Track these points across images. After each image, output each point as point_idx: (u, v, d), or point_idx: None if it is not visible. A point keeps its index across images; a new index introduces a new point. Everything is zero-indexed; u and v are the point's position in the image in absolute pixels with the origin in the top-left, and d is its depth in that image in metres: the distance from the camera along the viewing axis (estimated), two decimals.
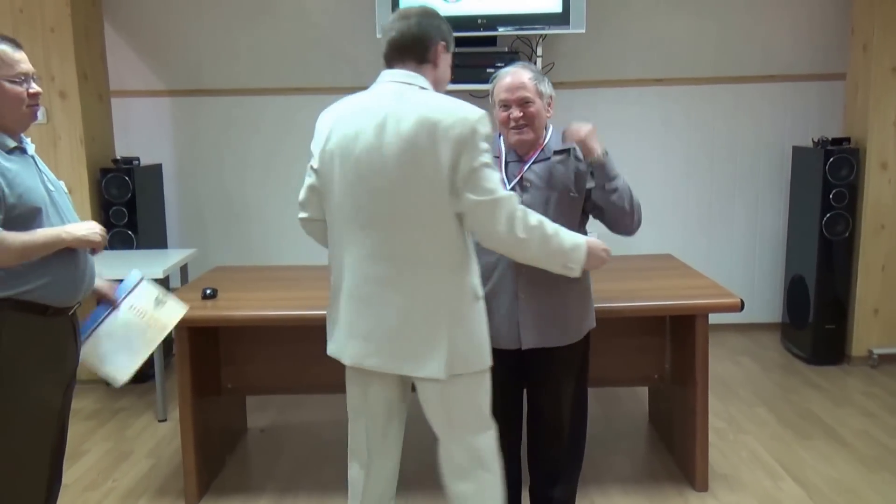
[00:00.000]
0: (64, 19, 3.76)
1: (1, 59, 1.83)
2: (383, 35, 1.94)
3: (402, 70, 1.89)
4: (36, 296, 1.86)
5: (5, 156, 1.84)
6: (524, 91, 2.15)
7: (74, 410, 3.55)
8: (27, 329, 1.85)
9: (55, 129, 3.85)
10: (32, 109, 1.88)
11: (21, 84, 1.86)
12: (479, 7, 3.91)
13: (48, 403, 1.93)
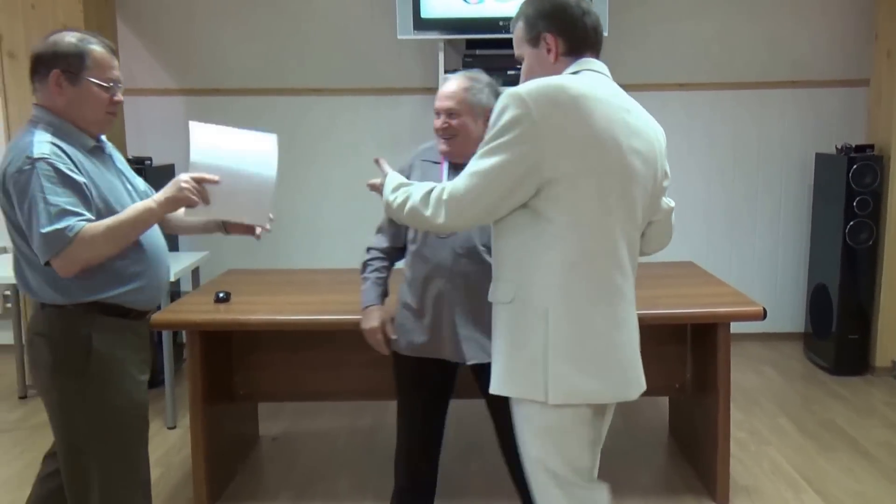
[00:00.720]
0: (76, 17, 3.72)
1: (95, 61, 1.83)
2: (581, 15, 1.68)
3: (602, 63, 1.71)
4: (122, 300, 1.87)
5: (86, 155, 1.84)
6: (450, 101, 2.12)
7: None
8: (115, 331, 1.88)
9: None
10: (111, 116, 1.89)
11: (108, 90, 1.86)
12: (500, 9, 3.86)
13: (140, 402, 1.96)
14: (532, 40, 1.69)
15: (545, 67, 1.68)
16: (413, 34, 3.88)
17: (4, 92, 3.76)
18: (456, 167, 2.20)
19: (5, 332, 4.13)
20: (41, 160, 1.73)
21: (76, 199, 1.76)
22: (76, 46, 1.81)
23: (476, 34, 3.91)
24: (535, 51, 1.69)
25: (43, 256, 1.75)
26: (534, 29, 1.68)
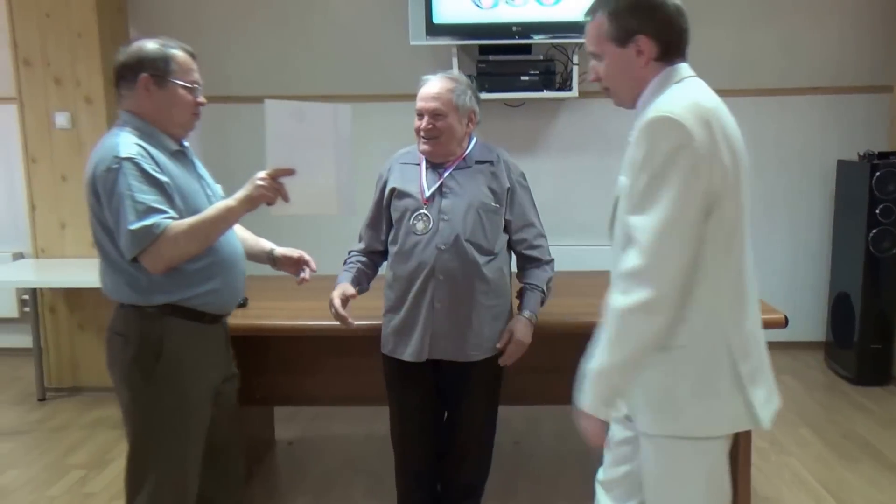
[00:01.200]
0: (91, 25, 3.73)
1: (180, 65, 1.89)
2: (677, 15, 1.55)
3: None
4: (196, 303, 1.90)
5: (170, 158, 1.88)
6: (436, 103, 2.13)
7: (98, 420, 3.57)
8: (187, 335, 1.90)
9: (80, 134, 3.81)
10: (195, 117, 1.95)
11: (192, 91, 1.91)
12: (514, 14, 3.84)
13: (203, 408, 1.97)
14: (619, 39, 1.53)
15: (630, 71, 1.55)
16: (426, 40, 3.87)
17: (20, 98, 3.79)
18: (434, 167, 2.21)
19: (24, 335, 4.14)
20: (128, 160, 1.77)
21: (161, 197, 1.80)
22: (160, 51, 1.87)
23: (489, 40, 3.89)
24: (621, 51, 1.53)
25: (129, 252, 1.78)
26: (624, 27, 1.52)
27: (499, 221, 2.20)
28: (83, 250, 3.88)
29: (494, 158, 2.23)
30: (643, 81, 1.55)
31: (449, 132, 2.15)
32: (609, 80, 1.58)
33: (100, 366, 3.83)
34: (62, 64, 3.75)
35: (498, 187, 2.20)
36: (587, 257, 4.08)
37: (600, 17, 1.55)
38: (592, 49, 1.59)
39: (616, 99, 1.63)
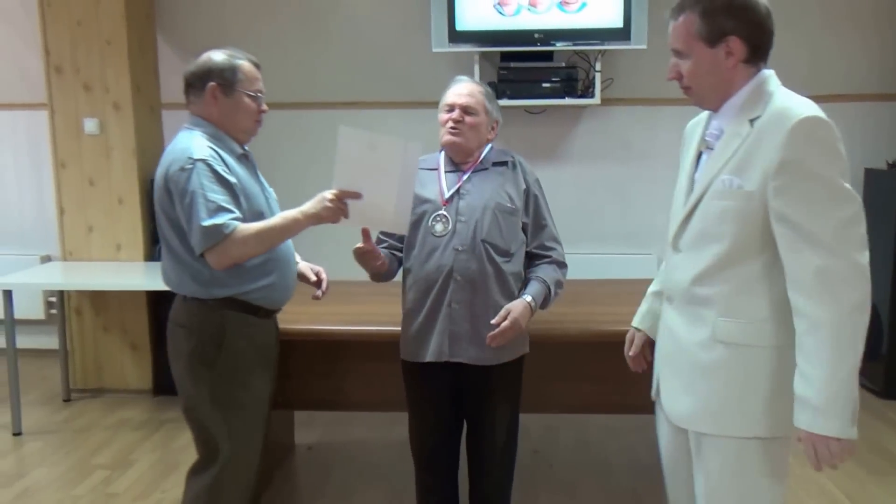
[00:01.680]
0: (120, 33, 3.80)
1: (245, 74, 2.03)
2: (767, 17, 1.56)
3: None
4: (252, 297, 2.00)
5: (235, 160, 2.01)
6: (471, 99, 2.17)
7: (121, 421, 3.63)
8: (244, 328, 2.01)
9: (108, 139, 3.88)
10: (258, 124, 2.09)
11: (256, 100, 2.05)
12: (536, 21, 3.84)
13: (263, 399, 2.08)
14: (709, 39, 1.53)
15: (717, 73, 1.55)
16: (448, 47, 3.89)
17: (51, 104, 3.86)
18: (453, 170, 2.23)
19: (50, 336, 4.21)
20: (201, 161, 1.90)
21: (229, 197, 1.92)
22: (228, 62, 2.01)
23: (511, 47, 3.90)
24: (710, 51, 1.53)
25: (199, 247, 1.89)
26: (716, 27, 1.51)
27: (516, 223, 2.20)
28: (109, 253, 3.94)
29: (510, 160, 2.26)
30: (729, 83, 1.56)
31: (476, 129, 2.18)
32: (693, 79, 1.58)
33: (123, 368, 3.97)
34: (92, 71, 3.83)
35: (515, 189, 2.21)
36: (607, 266, 4.07)
37: (690, 15, 1.54)
38: (678, 47, 1.58)
39: (696, 99, 1.63)
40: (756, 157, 1.50)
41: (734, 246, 1.54)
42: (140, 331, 3.95)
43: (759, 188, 1.49)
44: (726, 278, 1.55)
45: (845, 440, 1.45)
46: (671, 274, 1.67)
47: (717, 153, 1.58)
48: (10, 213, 4.51)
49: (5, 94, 4.38)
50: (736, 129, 1.55)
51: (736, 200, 1.52)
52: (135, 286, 3.67)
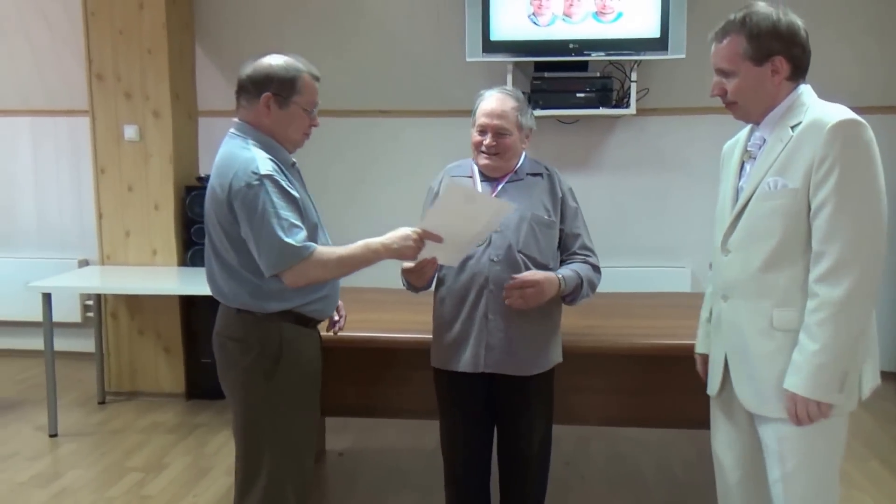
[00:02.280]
0: (160, 42, 3.87)
1: (306, 88, 1.98)
2: (807, 39, 1.75)
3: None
4: (308, 310, 2.00)
5: (288, 171, 1.96)
6: (503, 121, 2.14)
7: (155, 424, 3.67)
8: (299, 340, 2.00)
9: (147, 146, 3.95)
10: (306, 137, 2.04)
11: (310, 114, 2.00)
12: (571, 31, 3.83)
13: (316, 410, 2.08)
14: (757, 59, 1.70)
15: (762, 90, 1.72)
16: (482, 56, 3.89)
17: (93, 111, 3.94)
18: (488, 180, 2.22)
19: (87, 339, 4.28)
20: (268, 177, 1.85)
21: (297, 213, 1.90)
22: (288, 73, 1.95)
23: (546, 56, 3.89)
24: (757, 69, 1.70)
25: (273, 267, 1.86)
26: (764, 48, 1.69)
27: (553, 235, 2.19)
28: (145, 258, 4.01)
29: (544, 171, 2.25)
30: (774, 98, 1.73)
31: (511, 150, 2.17)
32: (739, 95, 1.74)
33: (157, 371, 4.02)
34: (132, 79, 3.90)
35: (551, 199, 2.20)
36: (639, 279, 4.02)
37: (737, 37, 1.71)
38: (725, 66, 1.74)
39: (740, 113, 1.79)
40: (798, 157, 1.66)
41: (783, 241, 1.69)
42: (173, 335, 4.01)
43: (802, 185, 1.66)
44: (779, 271, 1.70)
45: (824, 404, 1.64)
46: (722, 274, 1.81)
47: (761, 160, 1.75)
48: (51, 217, 4.60)
49: (49, 101, 4.48)
50: (778, 136, 1.72)
51: (782, 199, 1.68)
52: (169, 290, 3.72)
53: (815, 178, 1.62)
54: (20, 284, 3.73)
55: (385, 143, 4.37)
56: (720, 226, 1.83)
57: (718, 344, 1.87)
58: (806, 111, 1.69)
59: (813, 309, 1.64)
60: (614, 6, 3.78)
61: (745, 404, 1.79)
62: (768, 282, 1.71)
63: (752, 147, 1.79)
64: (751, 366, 1.76)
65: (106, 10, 3.85)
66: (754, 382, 1.76)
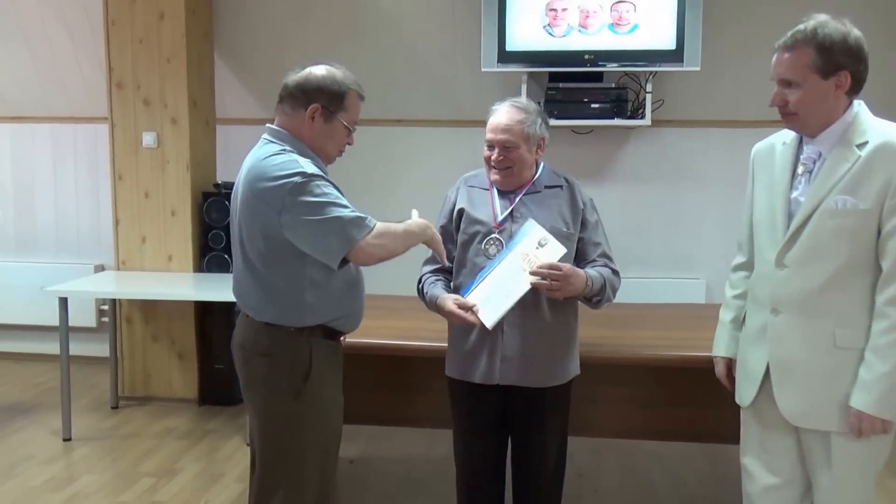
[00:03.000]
0: (179, 50, 3.92)
1: (352, 105, 1.99)
2: (868, 55, 1.77)
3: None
4: (338, 324, 1.99)
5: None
6: (507, 135, 2.12)
7: (167, 429, 3.69)
8: (327, 355, 1.98)
9: (164, 153, 3.98)
10: (341, 154, 2.05)
11: (350, 131, 2.01)
12: (587, 42, 3.84)
13: (339, 427, 2.05)
14: (825, 72, 1.71)
15: (824, 102, 1.74)
16: (497, 67, 3.91)
17: (111, 118, 3.99)
18: (504, 194, 2.20)
19: (101, 344, 4.31)
20: (316, 176, 1.86)
21: (345, 200, 1.89)
22: (340, 87, 1.94)
23: (561, 67, 3.90)
24: (823, 83, 1.72)
25: (345, 244, 1.83)
26: (833, 62, 1.70)
27: (571, 248, 2.17)
28: (160, 264, 4.04)
29: (563, 183, 2.23)
30: (834, 111, 1.75)
31: (520, 163, 2.15)
32: (802, 106, 1.74)
33: (170, 377, 4.04)
34: (151, 86, 3.95)
35: (570, 211, 2.18)
36: (653, 290, 4.00)
37: (806, 49, 1.71)
38: (790, 77, 1.74)
39: (800, 124, 1.79)
40: (871, 177, 1.69)
41: (849, 261, 1.72)
42: (187, 341, 4.03)
43: (874, 206, 1.69)
44: (843, 290, 1.74)
45: (888, 422, 1.72)
46: (776, 288, 1.81)
47: (824, 175, 1.75)
48: (68, 222, 4.65)
49: (69, 108, 4.53)
50: (842, 154, 1.73)
51: (852, 218, 1.71)
52: (184, 296, 3.74)
53: (892, 201, 1.66)
54: (37, 289, 3.77)
55: (400, 152, 4.38)
56: (769, 236, 1.83)
57: (758, 355, 1.87)
58: (868, 130, 1.73)
59: (884, 330, 1.68)
60: (630, 18, 3.79)
61: (789, 417, 1.81)
62: (830, 300, 1.74)
63: (808, 160, 1.80)
64: (804, 380, 1.78)
65: (126, 19, 3.90)
66: (806, 396, 1.78)
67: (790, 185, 1.81)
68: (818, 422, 1.79)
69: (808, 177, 1.79)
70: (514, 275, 2.05)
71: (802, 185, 1.80)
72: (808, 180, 1.79)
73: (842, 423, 1.76)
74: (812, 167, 1.79)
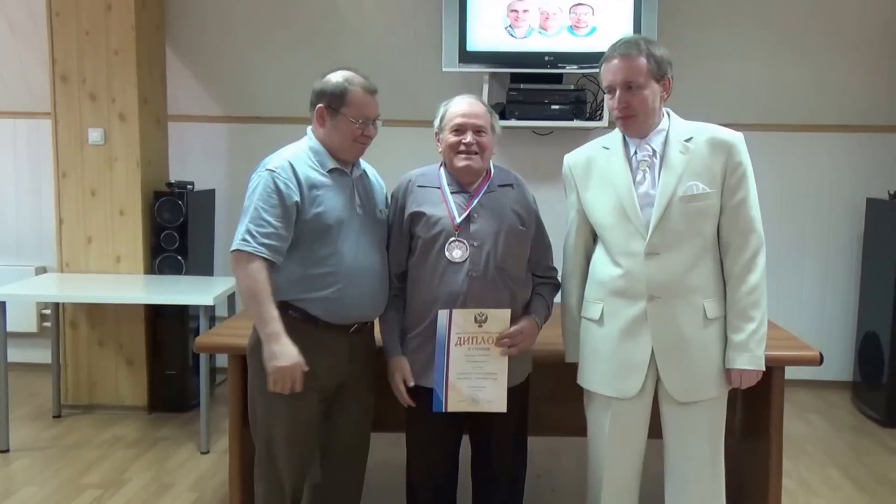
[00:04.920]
0: (128, 43, 3.78)
1: (353, 100, 2.10)
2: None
3: None
4: (307, 307, 2.06)
5: (320, 173, 2.09)
6: (480, 120, 2.14)
7: (114, 438, 3.54)
8: (298, 336, 2.02)
9: (112, 150, 3.84)
10: (359, 146, 2.15)
11: (357, 123, 2.10)
12: (547, 44, 3.87)
13: (302, 409, 2.08)
14: (658, 78, 1.96)
15: (656, 104, 1.98)
16: (458, 67, 3.90)
17: (55, 113, 3.83)
18: (459, 191, 2.17)
19: (40, 350, 4.13)
20: (271, 171, 2.05)
21: (278, 216, 2.01)
22: (340, 86, 2.10)
23: (521, 68, 3.92)
24: (657, 87, 1.96)
25: (234, 244, 2.06)
26: (662, 69, 1.96)
27: (526, 245, 2.17)
28: (108, 266, 3.88)
29: (514, 181, 2.22)
30: (659, 113, 2.01)
31: (488, 150, 2.15)
32: (643, 109, 1.95)
33: (117, 383, 3.88)
34: (98, 81, 3.80)
35: (523, 210, 2.17)
36: None
37: (642, 56, 1.93)
38: (635, 80, 1.93)
39: (637, 126, 1.98)
40: (710, 165, 1.96)
41: (706, 238, 1.98)
42: (137, 346, 3.87)
43: (717, 189, 1.96)
44: (705, 266, 1.98)
45: (761, 370, 1.99)
46: (648, 277, 1.96)
47: (669, 168, 1.97)
48: (7, 222, 4.45)
49: (9, 103, 4.34)
50: (676, 148, 1.98)
51: (704, 201, 1.95)
52: (132, 299, 3.60)
53: (731, 182, 1.95)
54: None
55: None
56: (625, 231, 1.98)
57: (639, 346, 1.99)
58: (688, 128, 2.01)
59: (745, 293, 1.95)
60: (588, 21, 3.84)
61: (676, 395, 1.99)
62: (697, 277, 1.96)
63: (646, 158, 2.00)
64: (688, 357, 1.97)
65: (72, 10, 3.75)
66: (689, 372, 1.98)
67: (633, 183, 1.98)
68: (701, 393, 1.98)
69: (649, 172, 1.98)
70: (481, 360, 2.07)
71: (648, 180, 1.98)
72: (651, 176, 1.98)
73: (720, 389, 2.00)
74: (651, 162, 1.98)
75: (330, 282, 2.04)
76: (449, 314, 2.05)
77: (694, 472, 2.05)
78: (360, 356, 2.17)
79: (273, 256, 2.01)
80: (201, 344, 2.57)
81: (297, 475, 2.14)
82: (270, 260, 2.00)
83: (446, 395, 2.07)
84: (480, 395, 2.07)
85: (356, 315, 2.11)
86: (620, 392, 2.03)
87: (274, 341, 1.99)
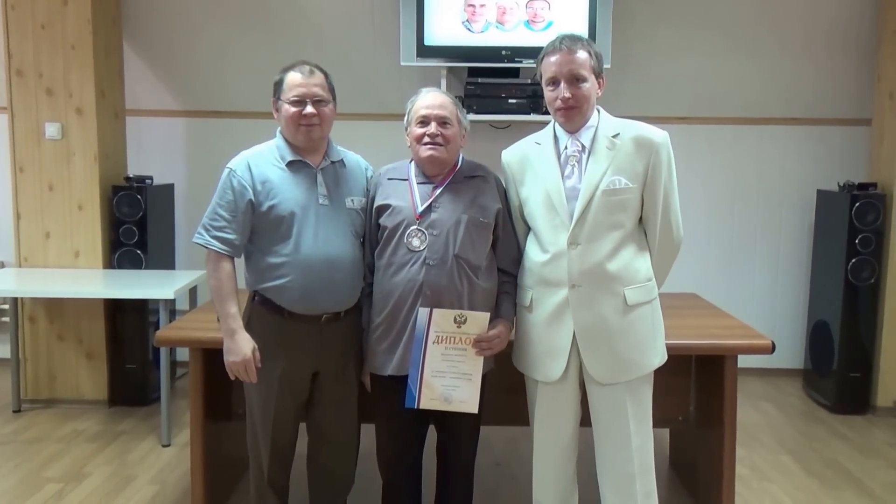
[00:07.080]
0: (85, 37, 3.75)
1: (287, 84, 2.16)
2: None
3: None
4: (271, 295, 2.14)
5: (279, 167, 2.16)
6: (445, 111, 2.17)
7: (75, 432, 3.53)
8: (266, 325, 2.16)
9: (70, 144, 3.81)
10: (304, 128, 2.14)
11: (296, 105, 2.13)
12: (504, 39, 3.91)
13: (269, 396, 2.19)
14: (596, 72, 2.06)
15: (593, 99, 2.09)
16: (416, 61, 3.92)
17: (11, 108, 3.78)
18: (425, 182, 2.20)
19: (2, 345, 4.10)
20: (229, 170, 2.16)
21: (228, 211, 2.13)
22: (279, 77, 2.18)
23: (479, 62, 3.95)
24: (597, 81, 2.07)
25: (196, 236, 2.22)
26: (601, 65, 2.07)
27: (487, 237, 2.19)
28: (66, 260, 3.86)
29: (484, 174, 2.25)
30: (594, 108, 2.10)
31: (453, 142, 2.17)
32: (584, 101, 2.04)
33: (77, 378, 3.87)
34: (55, 75, 3.76)
35: (489, 202, 2.20)
36: None
37: (585, 51, 2.03)
38: (582, 72, 2.02)
39: (577, 119, 2.07)
40: (634, 161, 2.05)
41: (628, 228, 2.07)
42: (96, 340, 3.86)
43: (639, 183, 2.06)
44: (624, 255, 2.07)
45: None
46: (573, 265, 2.05)
47: (595, 163, 2.06)
48: None
49: None
50: (603, 144, 2.07)
51: (627, 194, 2.05)
52: (92, 294, 3.58)
53: (653, 174, 2.05)
54: None
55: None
56: (551, 223, 2.08)
57: (561, 331, 2.09)
58: (616, 124, 2.09)
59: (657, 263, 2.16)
60: (545, 15, 3.89)
61: (599, 377, 2.09)
62: (617, 267, 2.05)
63: (574, 153, 2.08)
64: (608, 342, 2.07)
65: (27, 4, 3.71)
66: (610, 356, 2.07)
67: (562, 177, 2.07)
68: (621, 376, 2.08)
69: (577, 167, 2.08)
70: (457, 359, 2.11)
71: (576, 174, 2.08)
72: (579, 170, 2.07)
73: (641, 371, 2.10)
74: (580, 157, 2.08)
75: (283, 272, 2.11)
76: (429, 312, 2.09)
77: (619, 452, 2.13)
78: (335, 346, 2.20)
79: (223, 249, 2.12)
80: (161, 338, 2.58)
81: (274, 460, 2.27)
82: (226, 254, 2.12)
83: (420, 392, 2.10)
84: (454, 394, 2.11)
85: (321, 305, 2.13)
86: (545, 376, 2.13)
87: (228, 337, 2.12)
